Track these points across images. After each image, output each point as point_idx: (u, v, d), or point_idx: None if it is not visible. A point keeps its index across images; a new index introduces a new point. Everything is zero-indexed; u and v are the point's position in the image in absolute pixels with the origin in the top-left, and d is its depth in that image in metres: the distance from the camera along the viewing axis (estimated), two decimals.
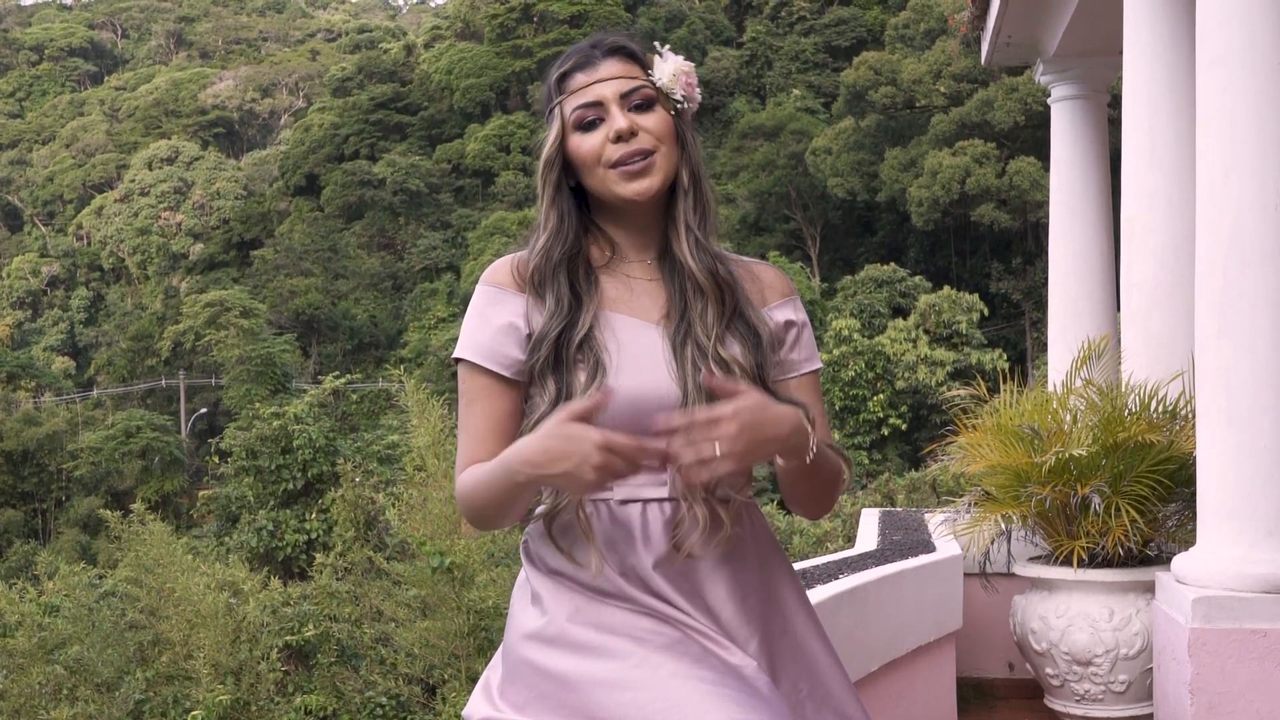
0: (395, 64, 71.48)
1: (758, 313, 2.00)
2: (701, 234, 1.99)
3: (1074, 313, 6.57)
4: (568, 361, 1.92)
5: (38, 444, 44.45)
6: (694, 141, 2.01)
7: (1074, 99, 6.77)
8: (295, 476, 14.32)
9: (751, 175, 49.77)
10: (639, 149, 1.94)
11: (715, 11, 65.10)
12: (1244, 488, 3.71)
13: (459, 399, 2.01)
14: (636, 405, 1.89)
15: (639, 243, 2.03)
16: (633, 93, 1.96)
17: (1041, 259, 38.37)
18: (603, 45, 1.99)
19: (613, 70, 1.97)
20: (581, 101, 1.96)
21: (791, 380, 2.03)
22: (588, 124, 1.96)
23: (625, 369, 1.91)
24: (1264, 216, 3.68)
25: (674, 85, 1.98)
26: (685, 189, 1.99)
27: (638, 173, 1.94)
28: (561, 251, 1.97)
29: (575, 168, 1.99)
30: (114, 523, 9.90)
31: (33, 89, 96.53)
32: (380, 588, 8.84)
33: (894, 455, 33.73)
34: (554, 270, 1.96)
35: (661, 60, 2.00)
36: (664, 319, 1.97)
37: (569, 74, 1.99)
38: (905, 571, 4.52)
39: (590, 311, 1.94)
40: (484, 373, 1.97)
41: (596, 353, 1.91)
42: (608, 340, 1.93)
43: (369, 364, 52.67)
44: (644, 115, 1.96)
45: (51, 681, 8.60)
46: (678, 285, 1.98)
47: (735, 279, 2.00)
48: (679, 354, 1.93)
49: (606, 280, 2.00)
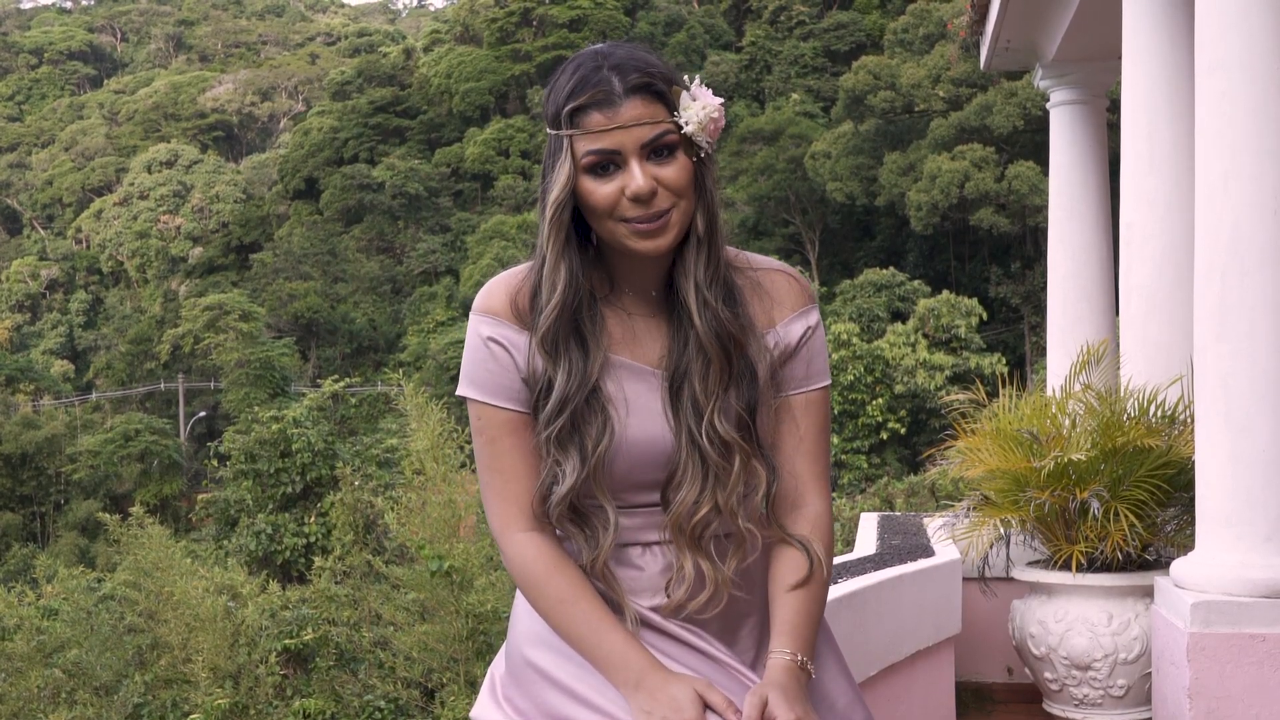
0: (394, 68, 71.48)
1: (760, 344, 1.91)
2: (710, 292, 1.87)
3: (1073, 317, 6.57)
4: (580, 420, 1.86)
5: (36, 447, 44.44)
6: (713, 186, 1.87)
7: (1073, 103, 6.78)
8: (294, 480, 14.30)
9: (750, 179, 49.76)
10: (656, 210, 1.80)
11: (714, 16, 65.15)
12: (1243, 493, 3.71)
13: (475, 435, 1.94)
14: (638, 454, 1.88)
15: (642, 279, 1.92)
16: (655, 140, 1.80)
17: (1040, 263, 38.38)
18: (626, 82, 1.79)
19: (635, 112, 1.79)
20: (597, 147, 1.79)
21: (799, 396, 1.97)
22: (601, 168, 1.81)
23: (629, 420, 1.88)
24: (1263, 221, 3.69)
25: (700, 132, 1.82)
26: (700, 239, 1.86)
27: (653, 232, 1.81)
28: (572, 309, 1.86)
29: (584, 209, 1.85)
30: (113, 526, 9.91)
31: (32, 92, 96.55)
32: (379, 591, 8.84)
33: (893, 459, 33.73)
34: (567, 337, 1.86)
35: (689, 98, 1.83)
36: (662, 360, 1.90)
37: (584, 109, 1.79)
38: (904, 576, 4.51)
39: (598, 361, 1.87)
40: (499, 409, 1.91)
41: (604, 406, 1.86)
42: (614, 392, 1.88)
43: (368, 367, 52.64)
44: (664, 166, 1.81)
45: (50, 685, 8.60)
46: (680, 330, 1.89)
47: (743, 322, 1.90)
48: (675, 403, 1.88)
49: (607, 315, 1.91)
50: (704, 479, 1.86)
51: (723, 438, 1.86)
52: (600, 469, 1.85)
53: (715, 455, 1.86)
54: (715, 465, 1.86)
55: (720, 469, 1.86)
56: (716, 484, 1.86)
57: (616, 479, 1.88)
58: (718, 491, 1.86)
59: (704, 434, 1.86)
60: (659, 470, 1.88)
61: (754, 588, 1.94)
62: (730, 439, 1.86)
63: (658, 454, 1.88)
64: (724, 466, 1.86)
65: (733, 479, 1.86)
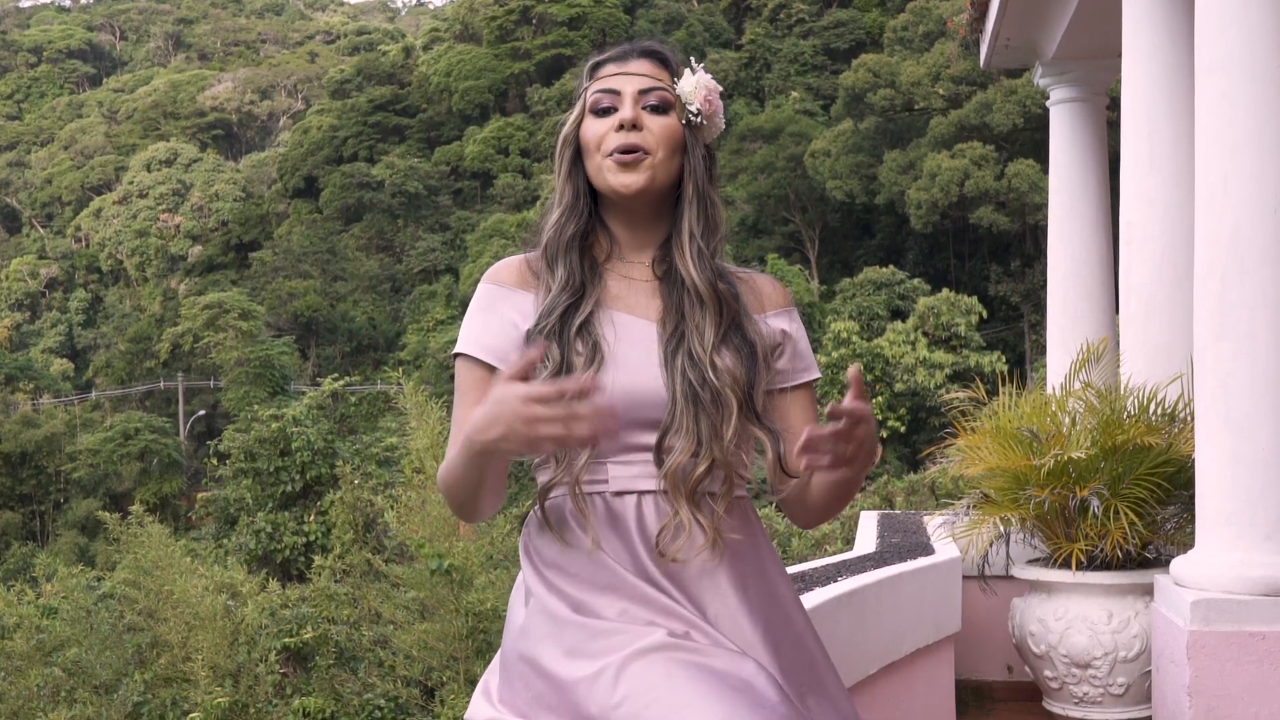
0: (394, 66, 71.49)
1: (754, 323, 2.02)
2: (705, 244, 2.01)
3: (1073, 315, 6.57)
4: (569, 339, 1.94)
5: (36, 446, 44.45)
6: (701, 157, 2.03)
7: (1073, 101, 6.77)
8: (294, 479, 14.29)
9: (750, 178, 49.76)
10: (636, 143, 1.97)
11: (714, 14, 65.12)
12: (1242, 491, 3.72)
13: (456, 393, 2.03)
14: (629, 400, 1.91)
15: (640, 243, 2.06)
16: (650, 91, 2.01)
17: (1040, 262, 38.37)
18: (639, 45, 2.06)
19: (640, 68, 2.03)
20: (602, 87, 2.02)
21: (787, 390, 2.06)
22: (602, 110, 2.01)
23: (621, 364, 1.94)
24: (1263, 221, 3.69)
25: (693, 97, 2.02)
26: (689, 200, 2.01)
27: (628, 165, 1.97)
28: (575, 228, 2.01)
29: (581, 147, 2.03)
30: (112, 525, 9.91)
31: (31, 91, 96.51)
32: (379, 590, 8.83)
33: (893, 457, 33.73)
34: (566, 246, 2.00)
35: (690, 74, 2.04)
36: (660, 320, 1.99)
37: (602, 64, 2.06)
38: (904, 574, 4.51)
39: (593, 299, 1.98)
40: (480, 366, 2.00)
41: (596, 339, 1.94)
42: (606, 331, 1.96)
43: (367, 366, 52.68)
44: (655, 117, 2.00)
45: (49, 683, 8.60)
46: (676, 292, 2.00)
47: (735, 291, 2.02)
48: (670, 359, 1.95)
49: (608, 277, 2.03)
50: (699, 435, 1.91)
51: (721, 381, 1.92)
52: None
53: (712, 406, 1.91)
54: (711, 416, 1.91)
55: (717, 420, 1.91)
56: (714, 438, 1.91)
57: None
58: (714, 445, 1.91)
59: (701, 382, 1.92)
60: (653, 412, 1.92)
61: (743, 529, 1.98)
62: (728, 381, 1.93)
63: (650, 397, 1.93)
64: (720, 417, 1.92)
65: (730, 430, 1.92)
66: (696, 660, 1.81)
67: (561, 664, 1.85)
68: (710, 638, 1.87)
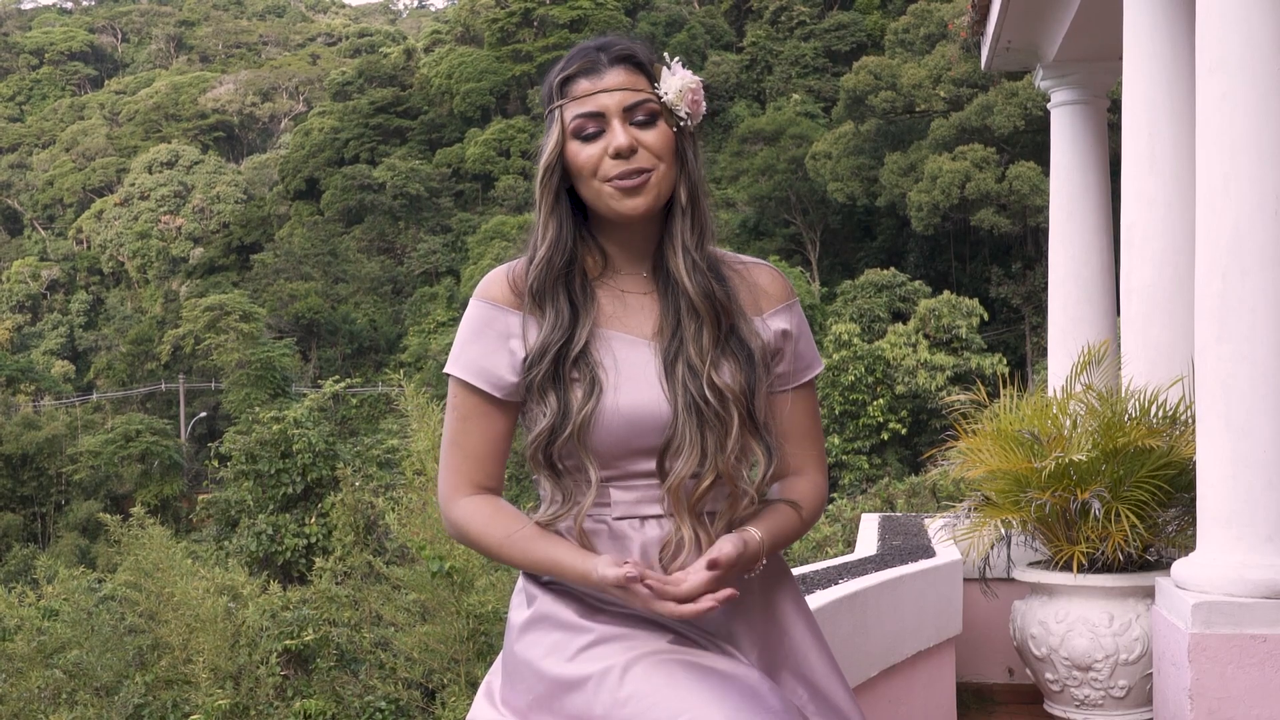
0: (395, 68, 71.51)
1: (751, 326, 1.98)
2: (698, 255, 1.96)
3: (1074, 318, 6.57)
4: (565, 377, 1.91)
5: (37, 448, 44.44)
6: (695, 158, 1.97)
7: (1074, 104, 6.77)
8: (295, 481, 14.28)
9: (751, 180, 49.78)
10: (637, 167, 1.90)
11: (715, 16, 65.16)
12: (1243, 493, 3.71)
13: (448, 409, 2.01)
14: (632, 422, 1.90)
15: (633, 255, 2.00)
16: (636, 107, 1.91)
17: (1041, 264, 38.38)
18: (610, 51, 1.93)
19: (618, 80, 1.92)
20: (583, 110, 1.91)
21: (789, 392, 2.03)
22: (588, 134, 1.91)
23: (621, 386, 1.91)
24: (1264, 222, 3.69)
25: (679, 102, 1.94)
26: (684, 207, 1.96)
27: (633, 190, 1.90)
28: (561, 262, 1.94)
29: (571, 175, 1.95)
30: (113, 527, 9.90)
31: (33, 93, 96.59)
32: (379, 592, 8.84)
33: (894, 460, 33.72)
34: (553, 282, 1.94)
35: (669, 73, 1.95)
36: (656, 334, 1.96)
37: (573, 78, 1.93)
38: (905, 577, 4.51)
39: (586, 327, 1.93)
40: (477, 392, 1.97)
41: (593, 369, 1.91)
42: (603, 357, 1.93)
43: (368, 368, 52.65)
44: (645, 131, 1.91)
45: (50, 686, 8.60)
46: (671, 302, 1.96)
47: (731, 296, 1.98)
48: (670, 372, 1.92)
49: (600, 293, 1.98)
50: (703, 448, 1.89)
51: (722, 396, 1.90)
52: (586, 430, 1.88)
53: (714, 419, 1.89)
54: (714, 429, 1.90)
55: (719, 433, 1.90)
56: (717, 451, 1.89)
57: (613, 447, 1.90)
58: (718, 459, 1.89)
59: (702, 395, 1.90)
60: (655, 438, 1.91)
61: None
62: (729, 396, 1.91)
63: (653, 420, 1.91)
64: (723, 430, 1.90)
65: (731, 442, 1.90)
66: (701, 663, 1.82)
67: (565, 666, 1.85)
68: (716, 646, 1.89)
